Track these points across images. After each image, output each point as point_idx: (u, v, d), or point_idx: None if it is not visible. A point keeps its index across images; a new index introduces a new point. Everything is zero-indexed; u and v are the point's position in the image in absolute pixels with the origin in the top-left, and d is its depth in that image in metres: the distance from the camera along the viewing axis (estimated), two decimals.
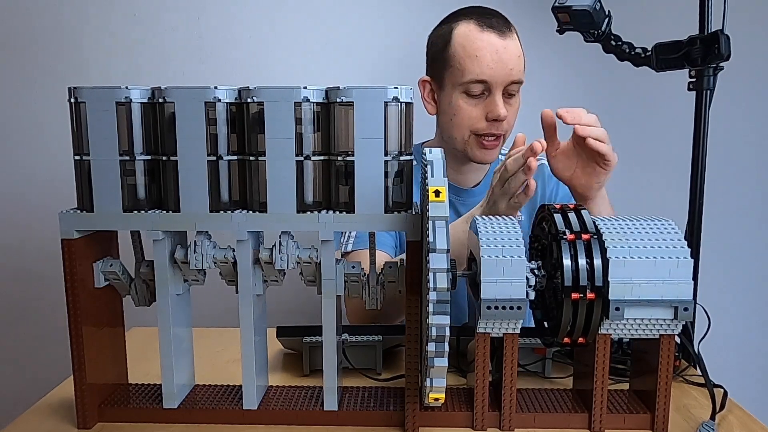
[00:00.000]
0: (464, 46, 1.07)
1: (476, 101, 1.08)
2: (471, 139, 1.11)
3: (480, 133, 1.10)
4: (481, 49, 1.05)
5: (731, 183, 1.55)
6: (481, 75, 1.05)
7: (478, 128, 1.09)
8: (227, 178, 0.71)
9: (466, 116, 1.09)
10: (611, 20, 0.95)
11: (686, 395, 0.83)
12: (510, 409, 0.72)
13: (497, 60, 1.05)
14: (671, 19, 1.15)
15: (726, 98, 1.15)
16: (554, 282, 0.69)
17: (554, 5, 0.93)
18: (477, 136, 1.10)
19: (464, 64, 1.07)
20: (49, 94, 1.50)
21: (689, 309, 0.66)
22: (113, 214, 0.71)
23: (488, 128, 1.09)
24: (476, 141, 1.11)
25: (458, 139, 1.12)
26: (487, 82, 1.06)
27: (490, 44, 1.05)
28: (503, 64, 1.05)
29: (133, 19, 1.49)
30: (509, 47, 1.06)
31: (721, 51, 0.87)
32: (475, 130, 1.10)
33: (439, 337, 0.60)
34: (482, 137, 1.10)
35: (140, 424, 0.75)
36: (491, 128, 1.09)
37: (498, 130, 1.09)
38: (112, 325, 0.79)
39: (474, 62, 1.06)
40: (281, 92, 0.68)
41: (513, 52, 1.06)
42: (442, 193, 0.62)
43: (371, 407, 0.75)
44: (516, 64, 1.07)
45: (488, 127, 1.09)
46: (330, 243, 0.71)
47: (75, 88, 0.70)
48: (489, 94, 1.08)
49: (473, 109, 1.09)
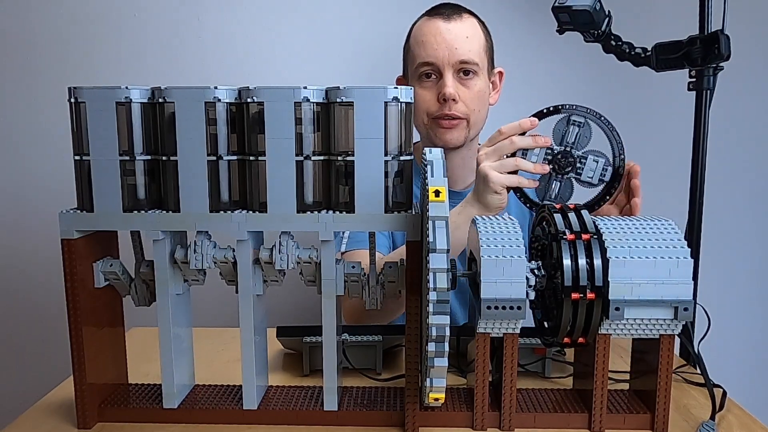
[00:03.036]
0: (415, 36, 1.14)
1: (429, 84, 1.12)
2: (430, 122, 1.14)
3: (435, 116, 1.12)
4: (426, 34, 1.11)
5: (731, 183, 1.55)
6: (426, 57, 1.10)
7: (432, 111, 1.12)
8: (227, 178, 0.71)
9: (421, 100, 1.13)
10: (611, 20, 0.95)
11: (686, 395, 0.83)
12: (510, 409, 0.72)
13: (440, 41, 1.09)
14: (671, 19, 1.16)
15: (726, 98, 1.15)
16: (554, 282, 0.69)
17: (554, 5, 0.93)
18: (434, 120, 1.12)
19: (415, 51, 1.13)
20: (49, 94, 1.50)
21: (689, 309, 0.66)
22: (113, 214, 0.71)
23: (441, 109, 1.11)
24: (434, 124, 1.13)
25: (421, 127, 1.16)
26: (434, 63, 1.10)
27: (435, 27, 1.11)
28: (447, 44, 1.09)
29: (133, 19, 1.49)
30: (454, 29, 1.10)
31: (721, 51, 0.87)
32: (430, 114, 1.13)
33: (439, 337, 0.60)
34: (438, 119, 1.12)
35: (140, 424, 0.75)
36: (444, 109, 1.10)
37: (452, 111, 1.10)
38: (112, 325, 0.79)
39: (421, 47, 1.11)
40: (281, 92, 0.68)
41: (458, 32, 1.10)
42: (442, 193, 0.62)
43: (371, 407, 0.75)
44: (462, 44, 1.09)
45: (440, 108, 1.11)
46: (330, 243, 0.71)
47: (75, 88, 0.70)
48: (440, 77, 1.11)
49: (426, 93, 1.12)
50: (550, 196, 0.89)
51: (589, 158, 0.87)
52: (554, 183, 0.89)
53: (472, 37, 1.11)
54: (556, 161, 0.88)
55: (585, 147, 0.88)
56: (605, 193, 0.88)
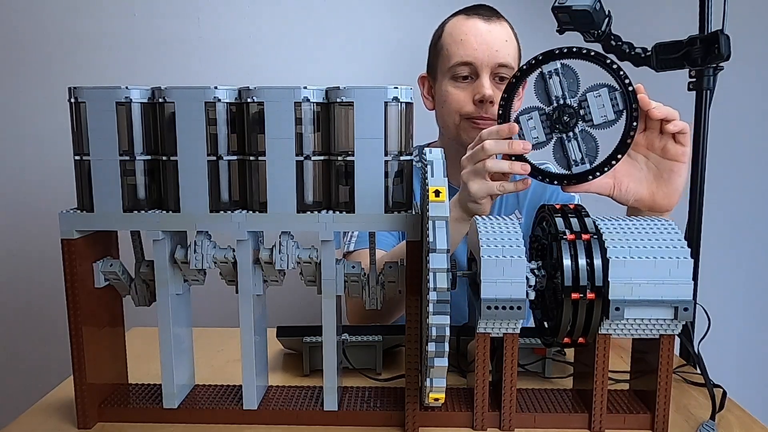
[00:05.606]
0: (451, 34, 1.11)
1: (464, 85, 1.10)
2: (462, 123, 1.11)
3: (470, 117, 1.10)
4: (466, 33, 1.09)
5: (731, 183, 1.55)
6: (466, 57, 1.08)
7: (466, 111, 1.10)
8: (227, 178, 0.71)
9: (454, 100, 1.10)
10: (611, 20, 0.95)
11: (686, 395, 0.83)
12: (510, 409, 0.72)
13: (481, 42, 1.07)
14: (671, 19, 1.16)
15: (726, 98, 1.15)
16: (554, 282, 0.69)
17: (554, 5, 0.93)
18: (468, 120, 1.11)
19: (451, 49, 1.10)
20: (49, 94, 1.50)
21: (689, 309, 0.66)
22: (113, 214, 0.71)
23: (476, 111, 1.09)
24: (468, 124, 1.11)
25: (450, 126, 1.13)
26: (473, 63, 1.08)
27: (475, 28, 1.09)
28: (488, 45, 1.07)
29: (133, 19, 1.49)
30: (494, 31, 1.08)
31: (721, 51, 0.87)
32: (464, 114, 1.10)
33: (439, 337, 0.60)
34: (473, 120, 1.10)
35: (140, 424, 0.75)
36: (480, 111, 1.09)
37: (488, 113, 1.09)
38: (112, 325, 0.79)
39: (459, 46, 1.09)
40: (281, 92, 0.68)
41: (498, 35, 1.08)
42: (442, 193, 0.62)
43: (371, 407, 0.75)
44: (502, 47, 1.08)
45: (476, 110, 1.09)
46: (330, 243, 0.71)
47: (75, 88, 0.70)
48: (477, 78, 1.09)
49: (461, 93, 1.10)
50: (575, 160, 0.79)
51: (589, 98, 0.78)
52: (570, 144, 0.79)
53: (510, 41, 1.09)
54: (557, 122, 0.79)
55: (578, 89, 0.78)
56: (631, 121, 0.77)
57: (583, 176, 0.80)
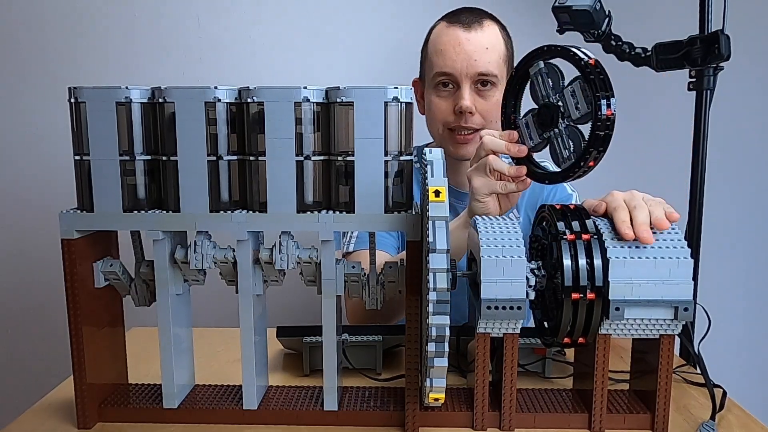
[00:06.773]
0: (433, 43, 1.11)
1: (446, 94, 1.10)
2: (445, 133, 1.12)
3: (451, 127, 1.10)
4: (445, 43, 1.08)
5: (731, 183, 1.55)
6: (444, 67, 1.07)
7: (448, 122, 1.10)
8: (227, 178, 0.71)
9: (437, 110, 1.11)
10: (611, 20, 0.95)
11: (686, 395, 0.83)
12: (510, 409, 0.72)
13: (459, 52, 1.06)
14: (671, 19, 1.16)
15: (726, 98, 1.15)
16: (554, 282, 0.69)
17: (554, 5, 0.93)
18: (450, 131, 1.11)
19: (432, 59, 1.10)
20: (48, 94, 1.50)
21: (689, 309, 0.66)
22: (113, 214, 0.71)
23: (457, 121, 1.09)
24: (450, 135, 1.11)
25: (435, 135, 1.14)
26: (451, 74, 1.07)
27: (454, 37, 1.07)
28: (466, 55, 1.06)
29: (133, 20, 1.49)
30: (474, 39, 1.06)
31: (721, 51, 0.87)
32: (446, 124, 1.11)
33: (439, 337, 0.60)
34: (455, 131, 1.10)
35: (140, 424, 0.75)
36: (460, 121, 1.08)
37: (468, 123, 1.08)
38: (112, 325, 0.79)
39: (438, 56, 1.08)
40: (281, 92, 0.68)
41: (478, 43, 1.06)
42: (442, 193, 0.62)
43: (371, 407, 0.75)
44: (482, 56, 1.06)
45: (457, 120, 1.09)
46: (330, 243, 0.71)
47: (75, 88, 0.70)
48: (457, 88, 1.08)
49: (443, 102, 1.10)
50: (564, 156, 0.77)
51: (565, 93, 0.75)
52: (557, 141, 0.77)
53: (492, 47, 1.07)
54: (542, 121, 0.78)
55: (561, 86, 0.76)
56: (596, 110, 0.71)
57: (566, 173, 0.78)
